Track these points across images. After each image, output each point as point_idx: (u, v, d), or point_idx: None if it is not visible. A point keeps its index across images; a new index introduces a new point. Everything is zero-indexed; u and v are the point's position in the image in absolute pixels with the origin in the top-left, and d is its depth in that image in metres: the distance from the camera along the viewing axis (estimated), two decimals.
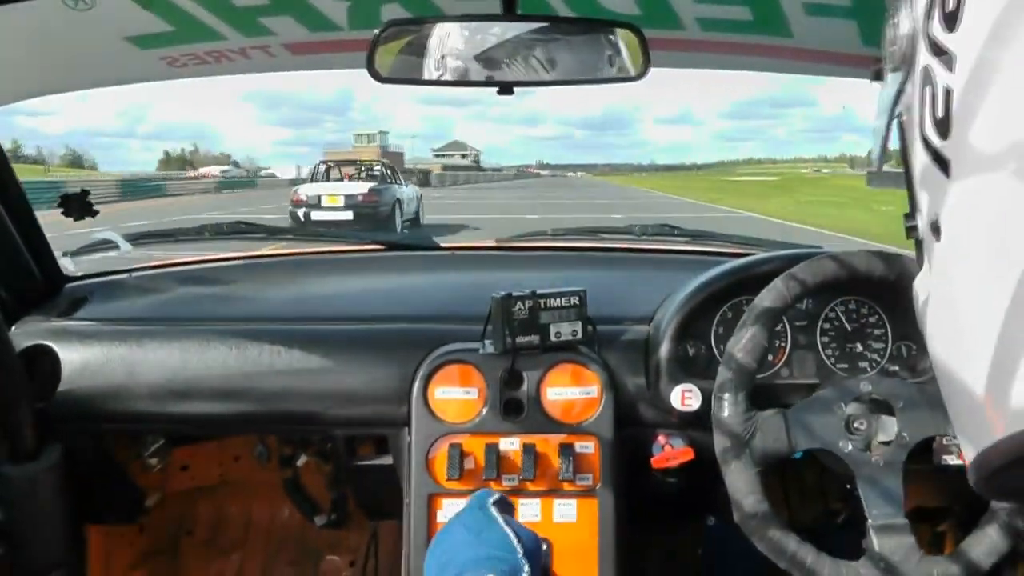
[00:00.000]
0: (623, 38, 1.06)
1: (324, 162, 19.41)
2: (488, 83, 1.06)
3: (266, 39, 1.33)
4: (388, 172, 18.88)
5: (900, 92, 0.56)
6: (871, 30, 1.20)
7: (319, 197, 16.85)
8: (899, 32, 0.55)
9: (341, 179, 18.16)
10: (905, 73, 0.55)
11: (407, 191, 18.44)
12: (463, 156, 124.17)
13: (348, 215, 16.46)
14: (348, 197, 16.68)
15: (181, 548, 2.01)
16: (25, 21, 1.22)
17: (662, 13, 1.22)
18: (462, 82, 1.04)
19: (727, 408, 1.14)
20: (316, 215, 16.50)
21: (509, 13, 1.04)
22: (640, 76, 1.06)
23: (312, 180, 18.11)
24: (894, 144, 0.60)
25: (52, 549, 1.43)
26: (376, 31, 1.01)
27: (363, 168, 19.07)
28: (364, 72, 1.46)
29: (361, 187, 17.12)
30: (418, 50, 1.04)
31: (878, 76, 0.60)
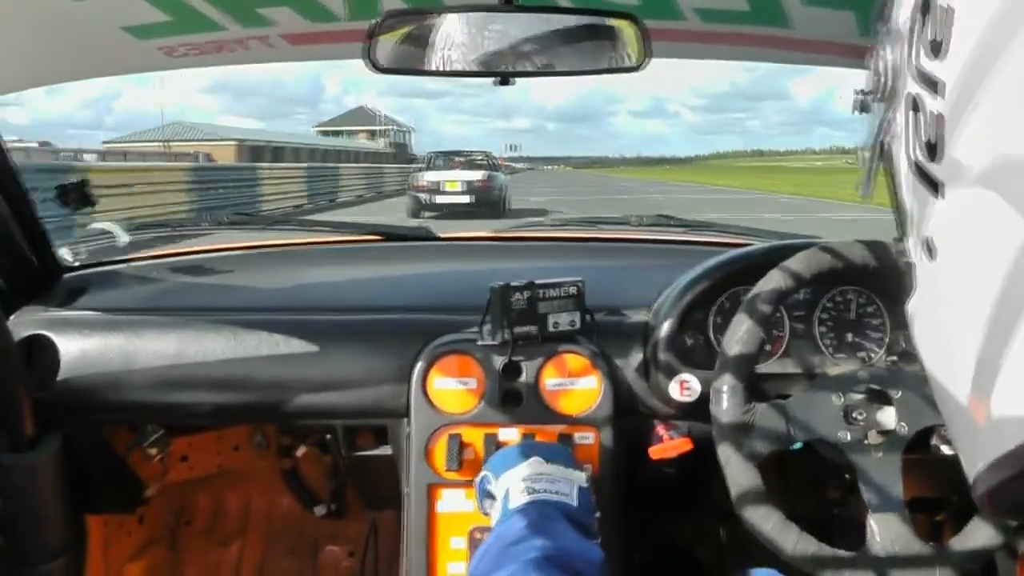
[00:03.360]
0: (622, 29, 1.06)
1: (434, 153, 21.42)
2: (486, 74, 1.06)
3: (265, 29, 1.33)
4: (491, 161, 20.82)
5: (886, 121, 0.58)
6: (869, 21, 1.20)
7: (439, 183, 18.37)
8: (884, 63, 0.57)
9: (450, 168, 19.66)
10: (891, 101, 0.57)
11: (504, 178, 20.38)
12: (372, 135, 73.08)
13: (467, 199, 18.05)
14: (467, 183, 18.32)
15: (180, 538, 2.02)
16: (22, 10, 1.21)
17: (661, 4, 1.22)
18: (460, 72, 1.04)
19: (725, 400, 1.15)
20: (439, 199, 18.15)
21: (509, 3, 1.04)
22: (640, 67, 1.06)
23: (429, 168, 19.81)
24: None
25: (51, 539, 1.44)
26: (374, 21, 1.01)
27: (468, 157, 20.70)
28: (335, 62, 1.46)
29: (477, 174, 18.80)
30: (417, 41, 1.04)
31: (863, 107, 0.62)
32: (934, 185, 0.50)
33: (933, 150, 0.50)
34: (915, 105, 0.52)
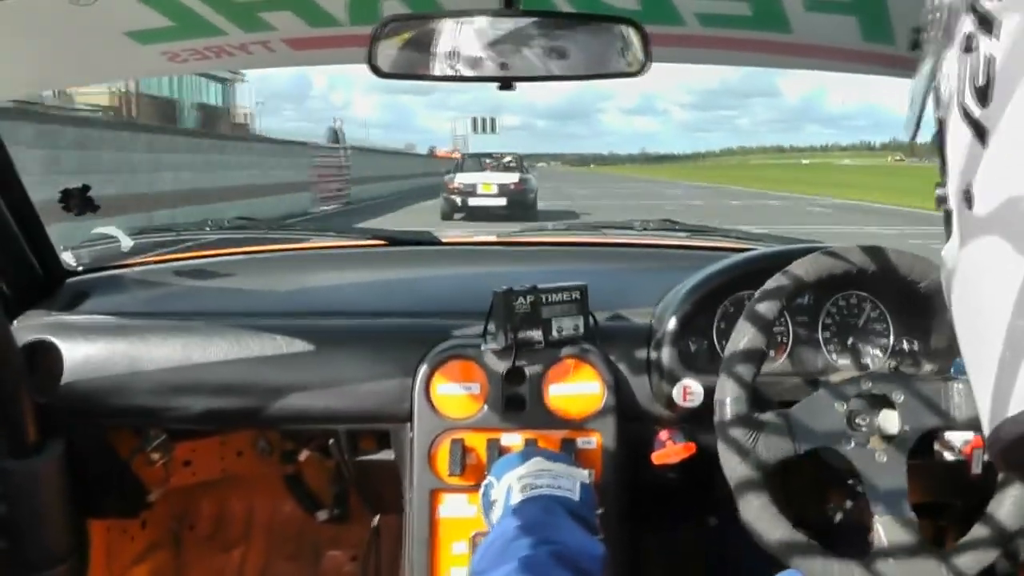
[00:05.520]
0: (623, 33, 1.05)
1: (463, 155, 21.61)
2: (488, 78, 1.05)
3: (266, 34, 1.33)
4: (522, 164, 20.72)
5: (939, 60, 0.56)
6: (871, 25, 1.20)
7: (475, 185, 18.38)
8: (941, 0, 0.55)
9: (482, 170, 19.65)
10: (945, 41, 0.55)
11: (535, 181, 20.49)
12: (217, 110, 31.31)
13: (502, 201, 18.08)
14: (501, 186, 18.36)
15: (183, 543, 2.02)
16: (26, 15, 1.22)
17: (662, 8, 1.22)
18: (462, 77, 1.04)
19: (728, 408, 1.14)
20: (473, 201, 18.20)
21: (510, 8, 1.04)
22: (641, 72, 1.06)
23: (459, 171, 19.70)
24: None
25: (54, 544, 1.44)
26: (376, 26, 1.01)
27: (498, 159, 20.63)
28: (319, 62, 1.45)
29: (512, 177, 18.83)
30: (418, 45, 1.04)
31: (915, 45, 0.60)
32: (980, 132, 0.48)
33: (982, 95, 0.48)
34: (968, 45, 0.50)
